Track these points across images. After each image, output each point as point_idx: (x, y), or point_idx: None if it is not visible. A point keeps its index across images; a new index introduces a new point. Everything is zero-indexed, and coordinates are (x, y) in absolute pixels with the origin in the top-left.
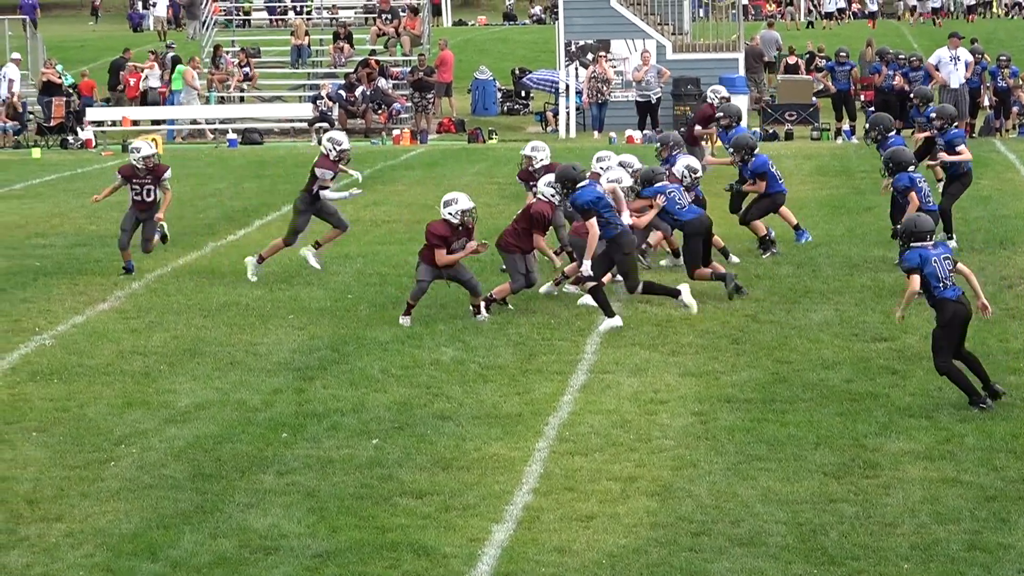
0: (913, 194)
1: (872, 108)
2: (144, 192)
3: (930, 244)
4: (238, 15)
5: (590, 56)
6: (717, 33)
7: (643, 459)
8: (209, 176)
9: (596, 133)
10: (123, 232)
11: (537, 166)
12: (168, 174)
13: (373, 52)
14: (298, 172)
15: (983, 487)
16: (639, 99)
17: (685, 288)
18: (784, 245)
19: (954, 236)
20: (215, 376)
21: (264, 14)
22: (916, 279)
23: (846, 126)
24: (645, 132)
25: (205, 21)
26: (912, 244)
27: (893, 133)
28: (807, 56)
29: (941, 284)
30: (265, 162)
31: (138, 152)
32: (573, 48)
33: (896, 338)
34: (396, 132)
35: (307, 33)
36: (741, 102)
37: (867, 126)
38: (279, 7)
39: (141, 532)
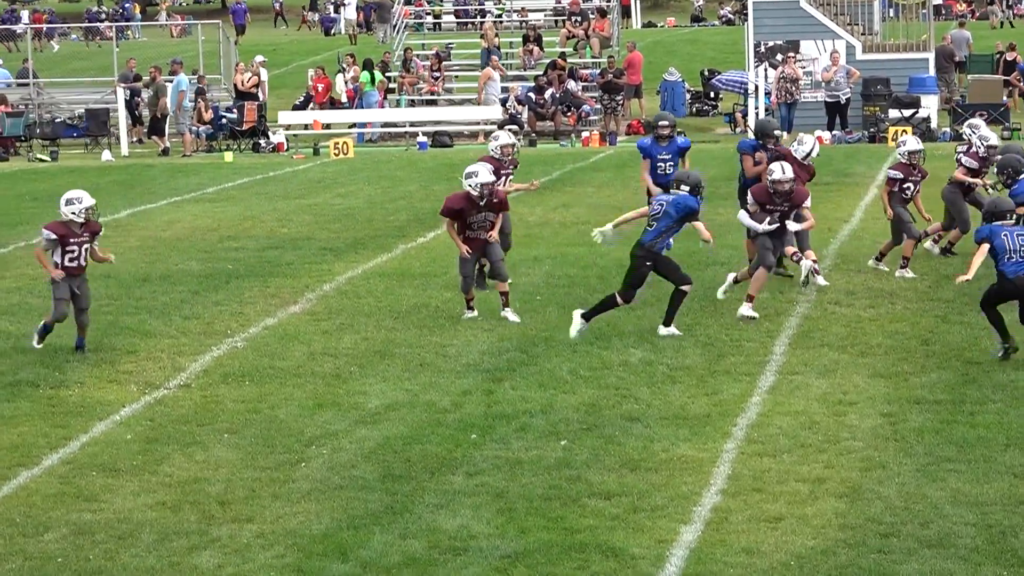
0: None
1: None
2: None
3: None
4: (428, 18)
5: (779, 57)
6: (907, 33)
7: (831, 460)
8: (399, 179)
9: (785, 134)
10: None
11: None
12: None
13: (562, 55)
14: None
15: None
16: (828, 99)
17: None
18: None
19: None
20: (405, 377)
21: (453, 17)
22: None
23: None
24: (834, 132)
25: (396, 24)
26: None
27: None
28: (997, 56)
29: (1007, 257)
30: (454, 164)
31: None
32: (762, 49)
33: None
34: (585, 134)
35: (497, 36)
36: (931, 102)
37: (996, 169)
38: (470, 10)
39: (331, 533)
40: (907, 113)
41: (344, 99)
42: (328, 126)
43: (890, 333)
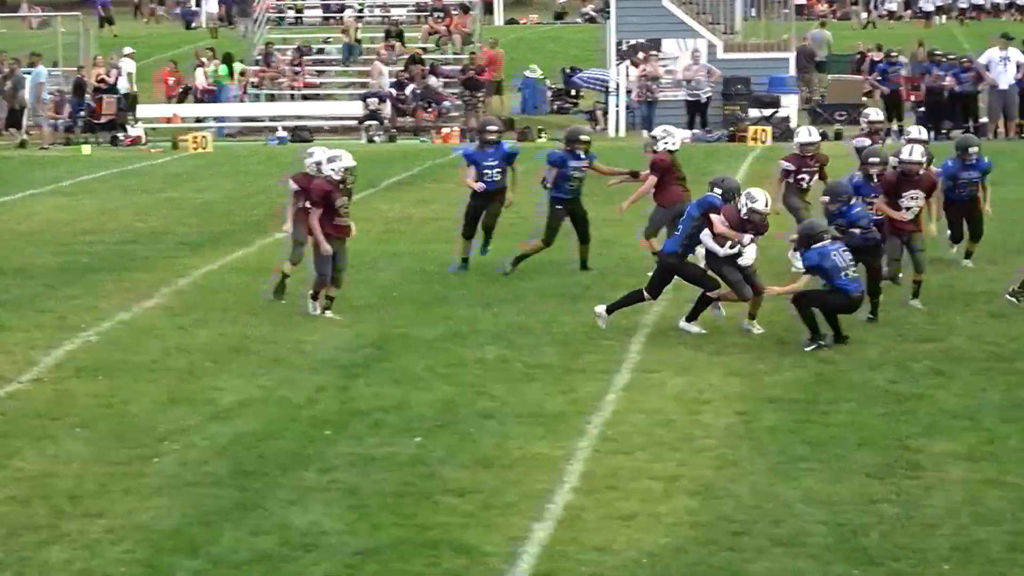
0: None
1: (922, 108)
2: None
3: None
4: (289, 12)
5: (640, 55)
6: (768, 33)
7: (685, 458)
8: (258, 173)
9: (645, 132)
10: None
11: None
12: None
13: (424, 50)
14: None
15: None
16: (689, 98)
17: None
18: None
19: None
20: (259, 373)
21: (316, 11)
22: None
23: (895, 127)
24: (695, 131)
25: (257, 18)
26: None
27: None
28: (857, 56)
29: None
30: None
31: None
32: (624, 47)
33: (941, 339)
34: (445, 130)
35: (358, 31)
36: (791, 102)
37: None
38: (332, 4)
39: (182, 529)
40: (767, 113)
41: (203, 93)
42: (185, 120)
43: (745, 332)
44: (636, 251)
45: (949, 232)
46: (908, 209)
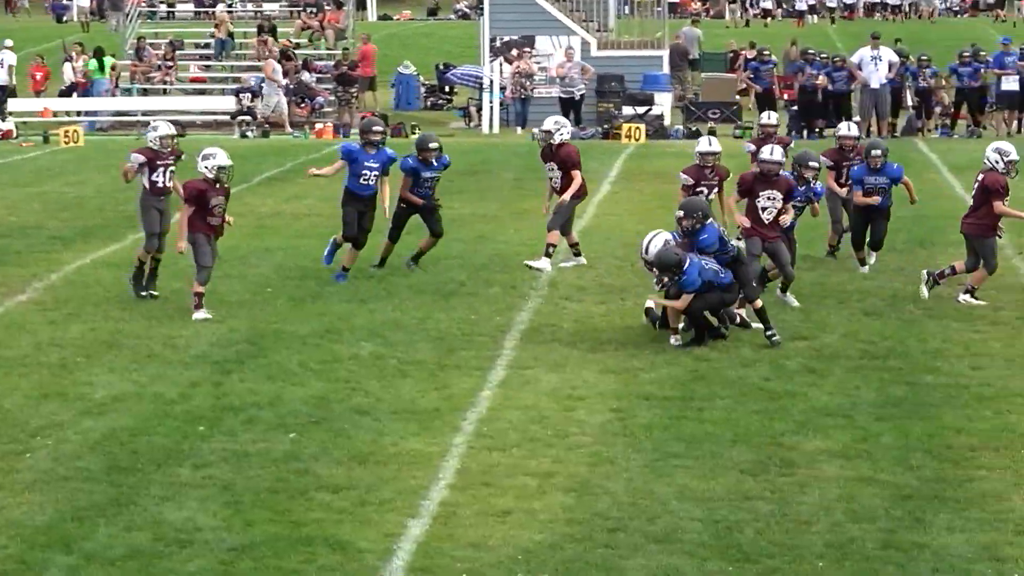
0: None
1: (795, 107)
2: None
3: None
4: (161, 6)
5: (514, 52)
6: (642, 30)
7: (560, 455)
8: None
9: (519, 128)
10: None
11: (557, 141)
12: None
13: (297, 46)
14: None
15: (898, 486)
16: (562, 95)
17: None
18: None
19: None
20: (132, 368)
21: (188, 6)
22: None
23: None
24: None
25: (128, 13)
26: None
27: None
28: (730, 55)
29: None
30: (187, 154)
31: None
32: (498, 44)
33: (815, 337)
34: (318, 126)
35: (231, 25)
36: (665, 99)
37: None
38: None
39: (55, 524)
40: (641, 110)
41: (72, 87)
42: (56, 114)
43: (620, 329)
44: (510, 247)
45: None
46: (764, 210)
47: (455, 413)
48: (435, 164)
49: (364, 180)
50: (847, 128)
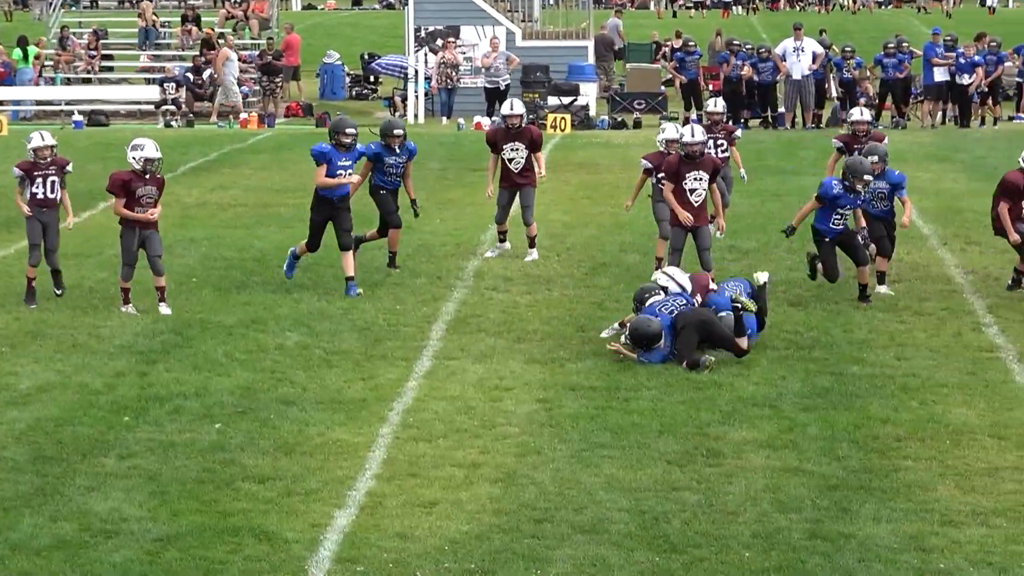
0: None
1: (721, 98)
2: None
3: None
4: None
5: (439, 42)
6: (567, 20)
7: (487, 446)
8: None
9: (444, 119)
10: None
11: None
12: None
13: (221, 35)
14: None
15: (824, 476)
16: (488, 85)
17: None
18: (646, 236)
19: None
20: (57, 358)
21: None
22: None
23: (693, 115)
24: (493, 119)
25: (52, 2)
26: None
27: None
28: (653, 46)
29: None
30: (111, 144)
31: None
32: (423, 34)
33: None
34: (243, 116)
35: (155, 15)
36: (590, 90)
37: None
38: None
39: None
40: (566, 100)
41: None
42: None
43: (546, 319)
44: (436, 237)
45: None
46: (692, 191)
47: (381, 403)
48: (399, 151)
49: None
50: (859, 113)
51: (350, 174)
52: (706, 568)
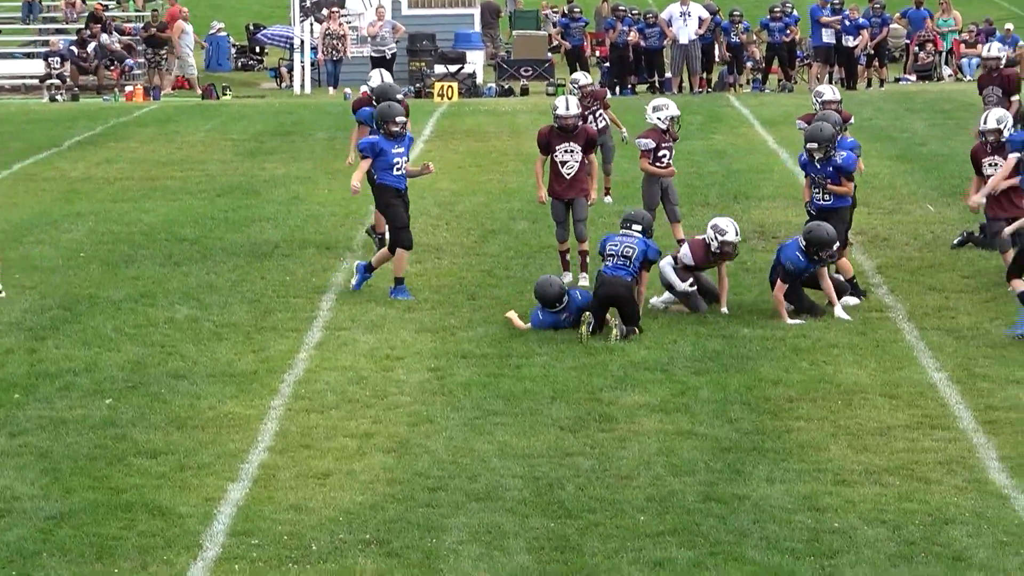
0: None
1: (607, 64)
2: None
3: None
4: None
5: (324, 12)
6: None
7: (379, 415)
8: None
9: (331, 89)
10: None
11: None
12: None
13: (105, 7)
14: (28, 129)
15: (717, 439)
16: (374, 54)
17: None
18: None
19: None
20: None
21: None
22: None
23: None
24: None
25: None
26: None
27: None
28: (543, 13)
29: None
30: None
31: None
32: (308, 3)
33: None
34: (128, 89)
35: None
36: (477, 57)
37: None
38: None
39: None
40: (453, 69)
41: None
42: None
43: (436, 288)
44: (324, 208)
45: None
46: (564, 164)
47: (272, 375)
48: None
49: (397, 169)
50: (831, 92)
51: (406, 162)
52: (601, 533)
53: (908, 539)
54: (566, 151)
